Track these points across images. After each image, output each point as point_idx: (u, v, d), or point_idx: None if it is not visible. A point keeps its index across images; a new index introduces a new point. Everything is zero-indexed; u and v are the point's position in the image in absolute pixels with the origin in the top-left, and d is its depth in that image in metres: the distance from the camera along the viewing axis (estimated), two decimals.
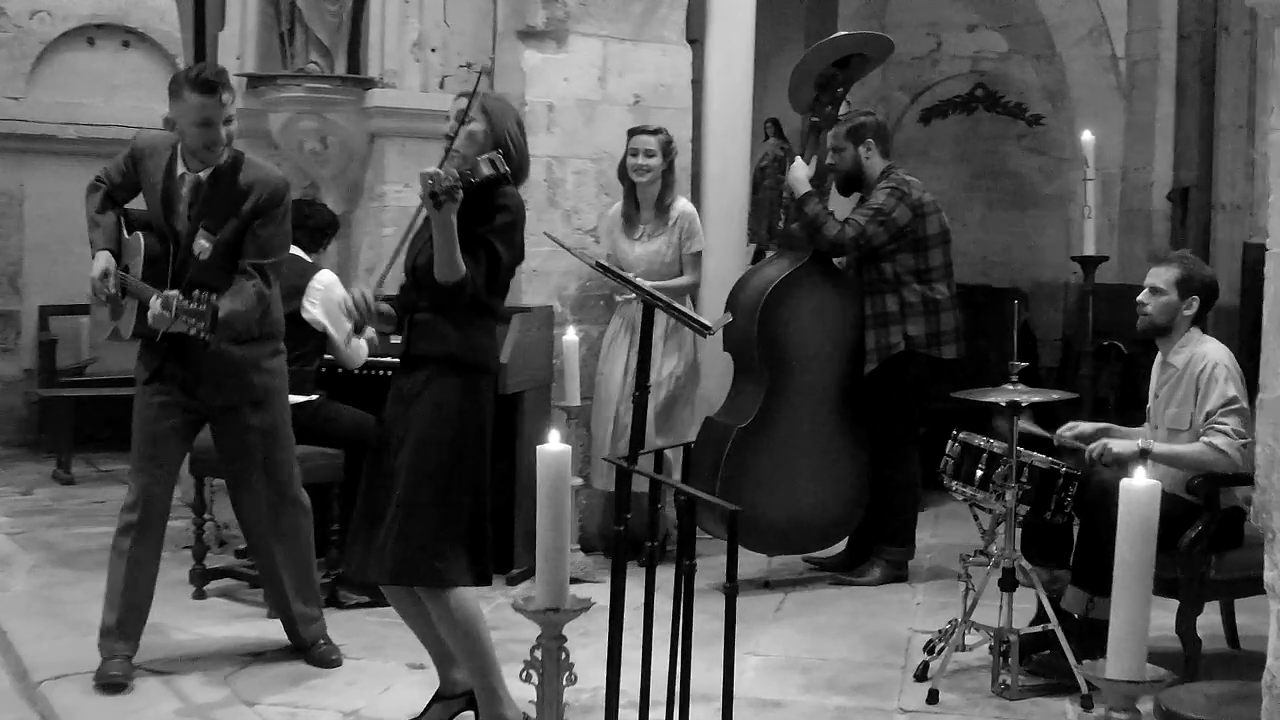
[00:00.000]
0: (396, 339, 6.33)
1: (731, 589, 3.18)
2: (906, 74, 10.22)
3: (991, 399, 4.95)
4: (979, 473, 5.09)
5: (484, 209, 4.09)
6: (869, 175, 6.45)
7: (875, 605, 6.14)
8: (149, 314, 4.49)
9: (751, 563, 6.25)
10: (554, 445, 2.80)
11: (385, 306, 4.27)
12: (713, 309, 6.79)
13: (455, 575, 4.14)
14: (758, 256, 7.70)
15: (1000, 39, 10.07)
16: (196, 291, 4.41)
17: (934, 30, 10.23)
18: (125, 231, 4.88)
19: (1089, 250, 6.48)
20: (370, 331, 6.18)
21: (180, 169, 4.75)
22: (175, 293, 4.44)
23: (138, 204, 4.94)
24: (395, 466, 4.15)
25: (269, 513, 5.01)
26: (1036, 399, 4.93)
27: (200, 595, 5.94)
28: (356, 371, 6.14)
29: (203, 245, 4.68)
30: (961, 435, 5.22)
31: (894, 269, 6.35)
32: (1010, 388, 4.92)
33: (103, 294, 4.71)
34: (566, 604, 2.79)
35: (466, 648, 4.19)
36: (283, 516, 5.03)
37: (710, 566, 6.34)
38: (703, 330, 3.58)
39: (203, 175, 4.72)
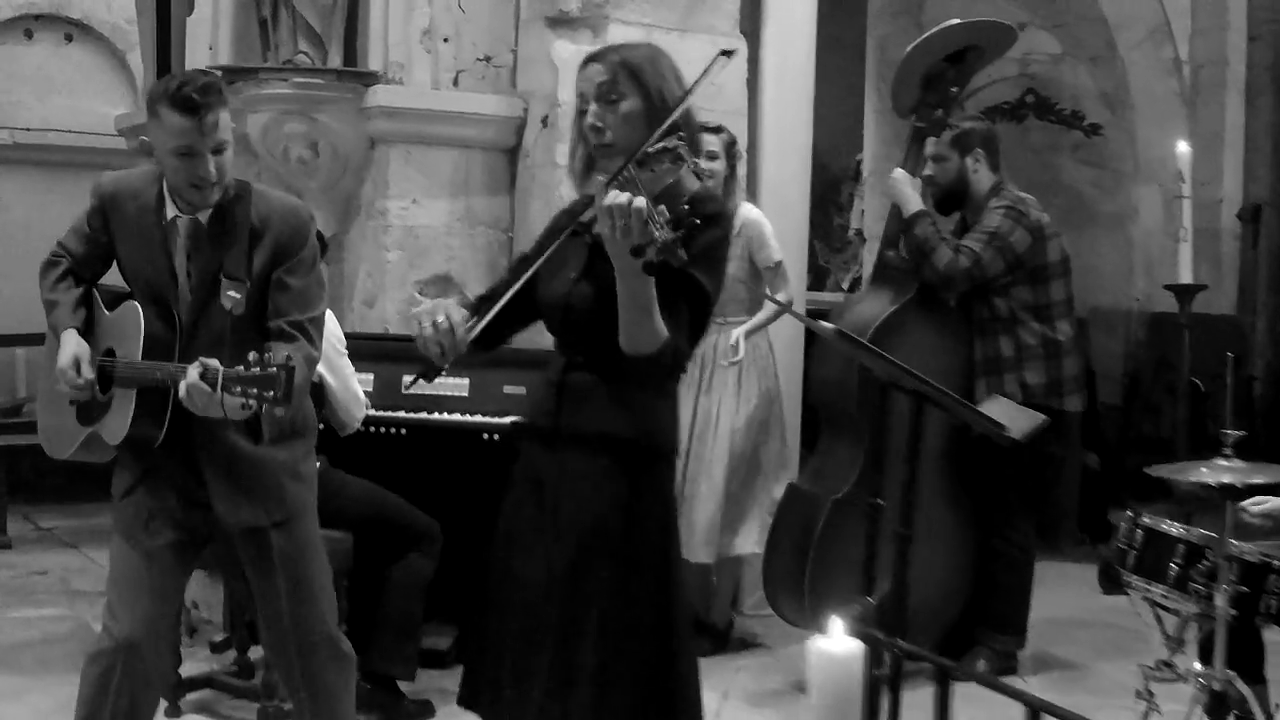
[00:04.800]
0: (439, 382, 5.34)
1: None
2: None
3: (1200, 479, 3.89)
4: (1173, 568, 4.05)
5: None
6: (975, 192, 5.43)
7: (995, 710, 5.07)
8: (182, 393, 3.25)
9: None
10: (838, 640, 1.69)
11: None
12: (780, 345, 5.81)
13: None
14: None
15: (1052, 40, 9.07)
16: (252, 354, 3.19)
17: None
18: (105, 307, 3.67)
19: (1186, 278, 5.62)
20: (361, 393, 5.04)
21: (170, 211, 3.54)
22: (215, 361, 3.23)
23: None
24: (555, 586, 2.97)
25: (298, 658, 3.73)
26: (1262, 479, 3.88)
27: (175, 712, 4.74)
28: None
29: (233, 298, 3.46)
30: (1145, 519, 4.17)
31: (1008, 305, 5.32)
32: (1224, 463, 3.89)
33: (78, 386, 3.48)
34: None
35: None
36: (315, 664, 3.73)
37: (785, 658, 5.60)
38: (999, 434, 2.50)
39: (201, 216, 3.53)
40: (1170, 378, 8.28)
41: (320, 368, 4.71)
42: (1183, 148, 5.79)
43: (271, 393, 3.16)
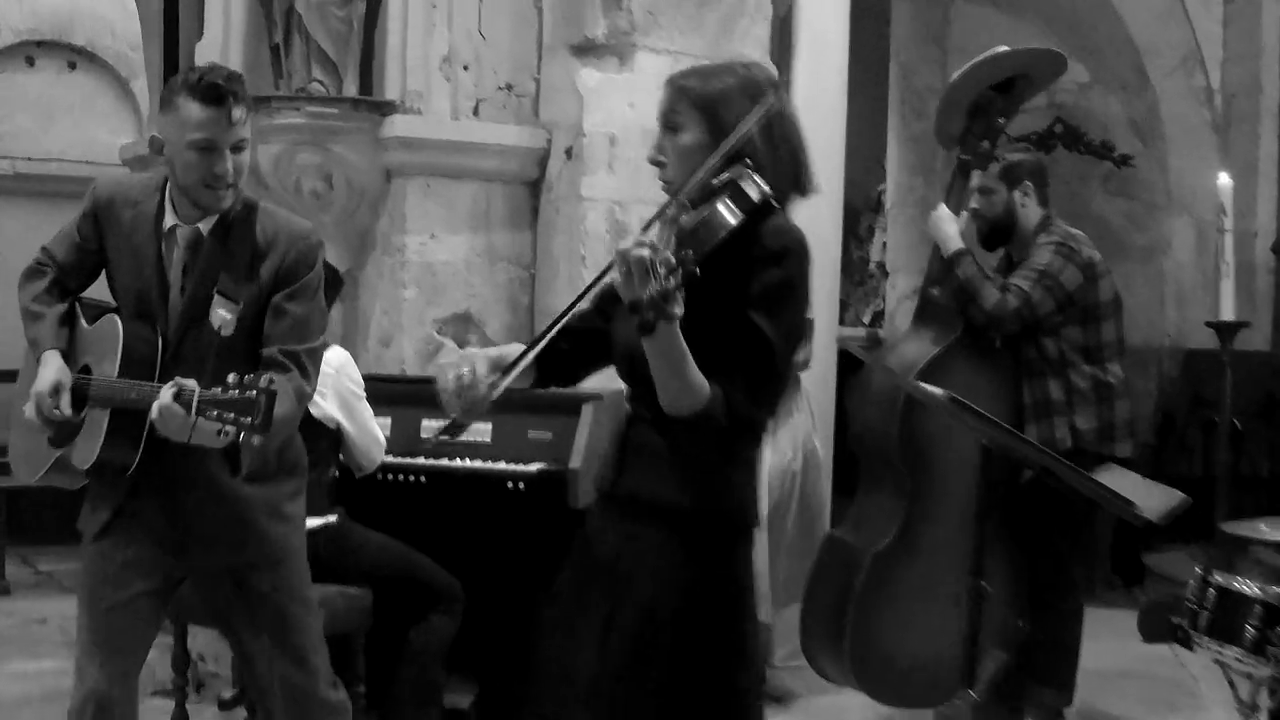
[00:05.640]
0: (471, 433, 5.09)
1: None
2: None
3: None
4: (1249, 630, 3.80)
5: (737, 264, 2.60)
6: (1023, 226, 5.19)
7: None
8: (154, 414, 3.04)
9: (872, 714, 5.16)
10: None
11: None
12: (812, 385, 5.60)
13: None
14: None
15: (1081, 68, 8.82)
16: (232, 376, 2.97)
17: None
18: (85, 320, 3.46)
19: (1227, 315, 5.43)
20: (380, 435, 4.78)
21: (170, 219, 3.34)
22: (192, 382, 3.02)
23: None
24: (606, 677, 2.66)
25: (291, 712, 3.53)
26: None
27: None
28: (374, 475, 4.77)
29: (223, 317, 3.25)
30: (1217, 577, 3.92)
31: (1058, 346, 5.05)
32: None
33: (52, 418, 3.27)
34: None
35: None
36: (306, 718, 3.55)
37: (818, 712, 5.53)
38: (1131, 514, 2.26)
39: (203, 227, 3.33)
40: (1205, 415, 8.05)
41: (336, 414, 4.49)
42: (1224, 180, 5.60)
43: (249, 418, 2.94)
